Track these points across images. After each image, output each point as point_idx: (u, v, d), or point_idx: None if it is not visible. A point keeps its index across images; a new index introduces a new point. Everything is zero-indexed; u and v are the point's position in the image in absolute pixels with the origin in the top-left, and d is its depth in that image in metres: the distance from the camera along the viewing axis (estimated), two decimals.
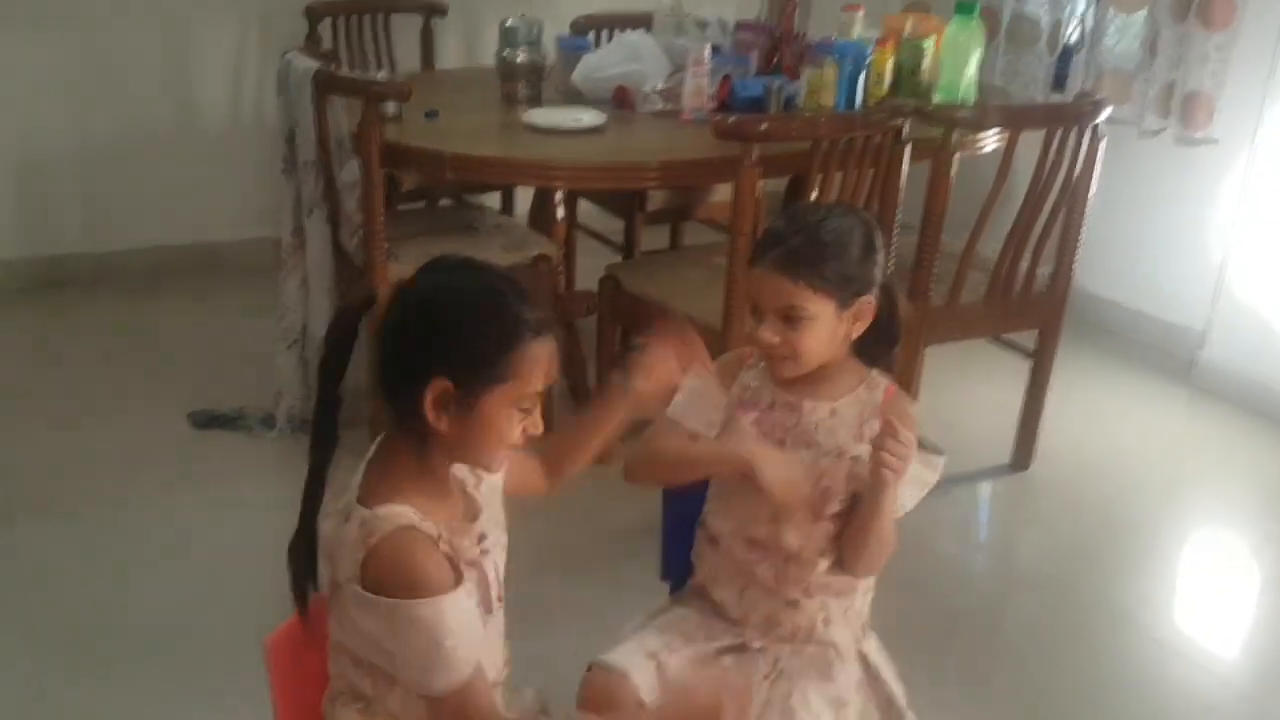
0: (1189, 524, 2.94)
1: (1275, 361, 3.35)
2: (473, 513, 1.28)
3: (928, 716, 1.59)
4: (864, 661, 1.56)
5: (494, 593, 1.28)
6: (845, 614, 1.55)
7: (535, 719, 1.35)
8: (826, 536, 1.50)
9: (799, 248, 1.42)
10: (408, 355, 1.17)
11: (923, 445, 1.49)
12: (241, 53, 3.91)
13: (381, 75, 3.27)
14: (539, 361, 1.18)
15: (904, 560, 2.57)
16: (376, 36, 3.78)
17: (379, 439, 1.26)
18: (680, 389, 1.53)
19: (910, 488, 1.47)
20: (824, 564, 1.51)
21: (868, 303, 1.47)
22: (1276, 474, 3.12)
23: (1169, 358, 3.66)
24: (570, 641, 1.35)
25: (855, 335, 1.49)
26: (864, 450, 1.46)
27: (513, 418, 1.20)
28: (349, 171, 2.64)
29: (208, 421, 2.96)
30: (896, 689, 1.56)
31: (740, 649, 1.54)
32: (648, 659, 1.47)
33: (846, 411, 1.50)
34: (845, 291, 1.44)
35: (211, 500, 2.66)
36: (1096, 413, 3.39)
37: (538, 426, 1.22)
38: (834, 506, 1.49)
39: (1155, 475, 3.08)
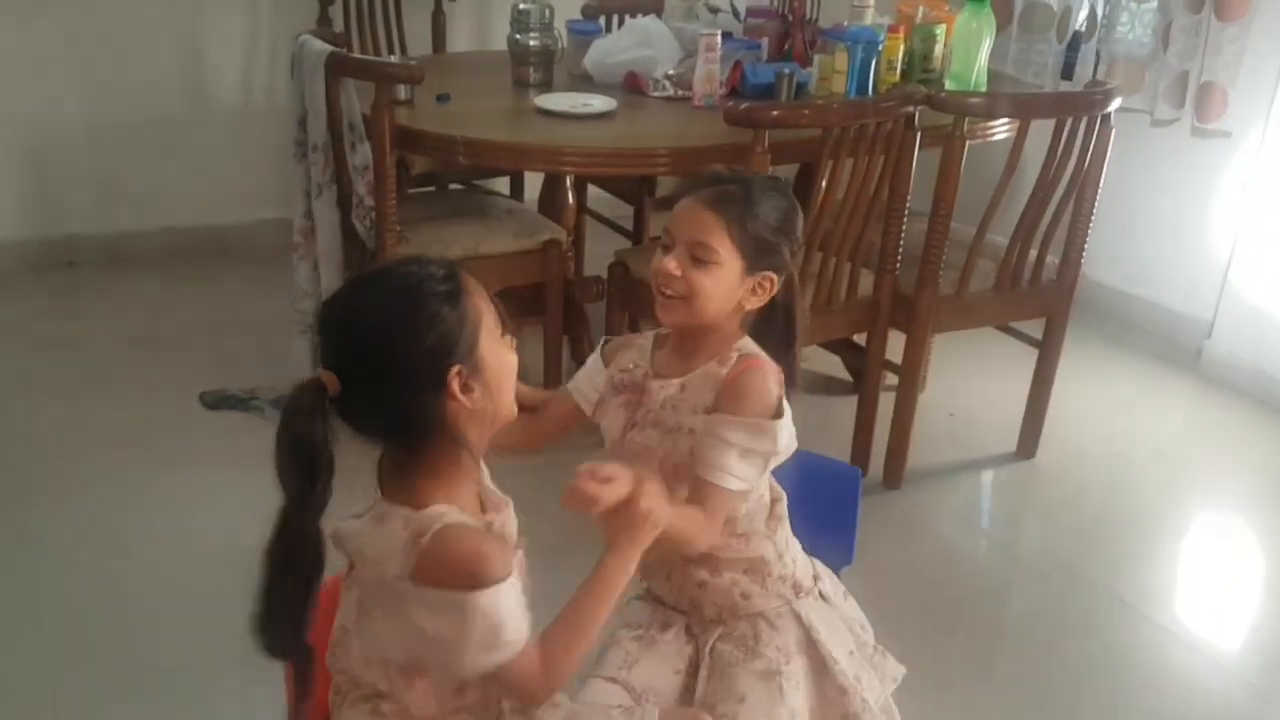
0: (1194, 513, 2.95)
1: None
2: (496, 505, 1.29)
3: (930, 699, 1.61)
4: (798, 621, 1.52)
5: (526, 581, 1.28)
6: (764, 584, 1.51)
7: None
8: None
9: (734, 192, 1.42)
10: (405, 385, 1.16)
11: (776, 414, 1.43)
12: (253, 35, 3.92)
13: (393, 59, 3.28)
14: (477, 288, 1.22)
15: (909, 546, 2.59)
16: (388, 19, 3.79)
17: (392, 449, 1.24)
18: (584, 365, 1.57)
19: (750, 462, 1.40)
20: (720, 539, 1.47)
21: (769, 279, 1.45)
22: None
23: (1175, 348, 3.66)
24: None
25: (747, 307, 1.46)
26: (696, 422, 1.42)
27: (504, 345, 1.24)
28: (360, 155, 2.65)
29: (219, 402, 2.99)
30: (835, 643, 1.52)
31: (690, 631, 1.53)
32: (611, 685, 1.46)
33: (693, 384, 1.46)
34: (757, 255, 1.43)
35: (223, 481, 2.68)
36: (1102, 402, 3.40)
37: (514, 339, 1.26)
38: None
39: (1161, 465, 3.09)
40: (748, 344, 1.48)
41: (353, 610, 1.23)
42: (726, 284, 1.42)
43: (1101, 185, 2.74)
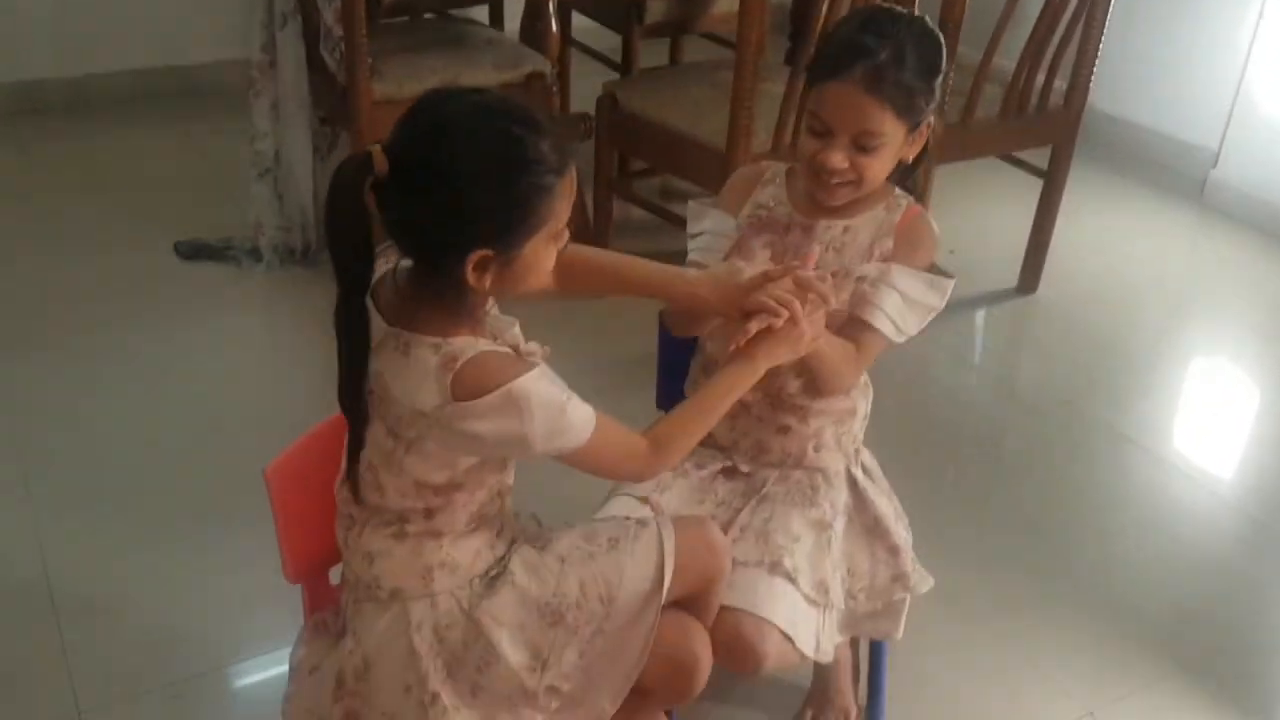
0: (1195, 346, 2.92)
1: None
2: (510, 343, 1.24)
3: (927, 536, 1.59)
4: (852, 485, 1.53)
5: None
6: (839, 439, 1.52)
7: (539, 533, 1.35)
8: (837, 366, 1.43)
9: (892, 63, 1.30)
10: (437, 226, 1.11)
11: (935, 268, 1.44)
12: None
13: None
14: (567, 195, 1.15)
15: (907, 382, 2.56)
16: None
17: (398, 272, 1.19)
18: (698, 229, 1.47)
19: (913, 312, 1.41)
20: (795, 384, 1.46)
21: (929, 124, 1.38)
22: None
23: (1181, 177, 3.56)
24: (560, 479, 1.33)
25: (908, 159, 1.40)
26: (870, 269, 1.40)
27: (550, 250, 1.18)
28: None
29: (194, 252, 2.88)
30: (886, 508, 1.54)
31: (730, 472, 1.52)
32: (640, 504, 1.45)
33: (861, 230, 1.43)
34: (918, 115, 1.35)
35: (202, 331, 2.61)
36: (1106, 234, 3.32)
37: (565, 238, 1.20)
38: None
39: (1163, 297, 3.04)
40: (899, 194, 1.45)
41: (383, 444, 1.19)
42: (893, 154, 1.36)
43: (1111, 6, 2.59)
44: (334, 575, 1.38)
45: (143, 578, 1.91)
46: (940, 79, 1.36)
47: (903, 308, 1.40)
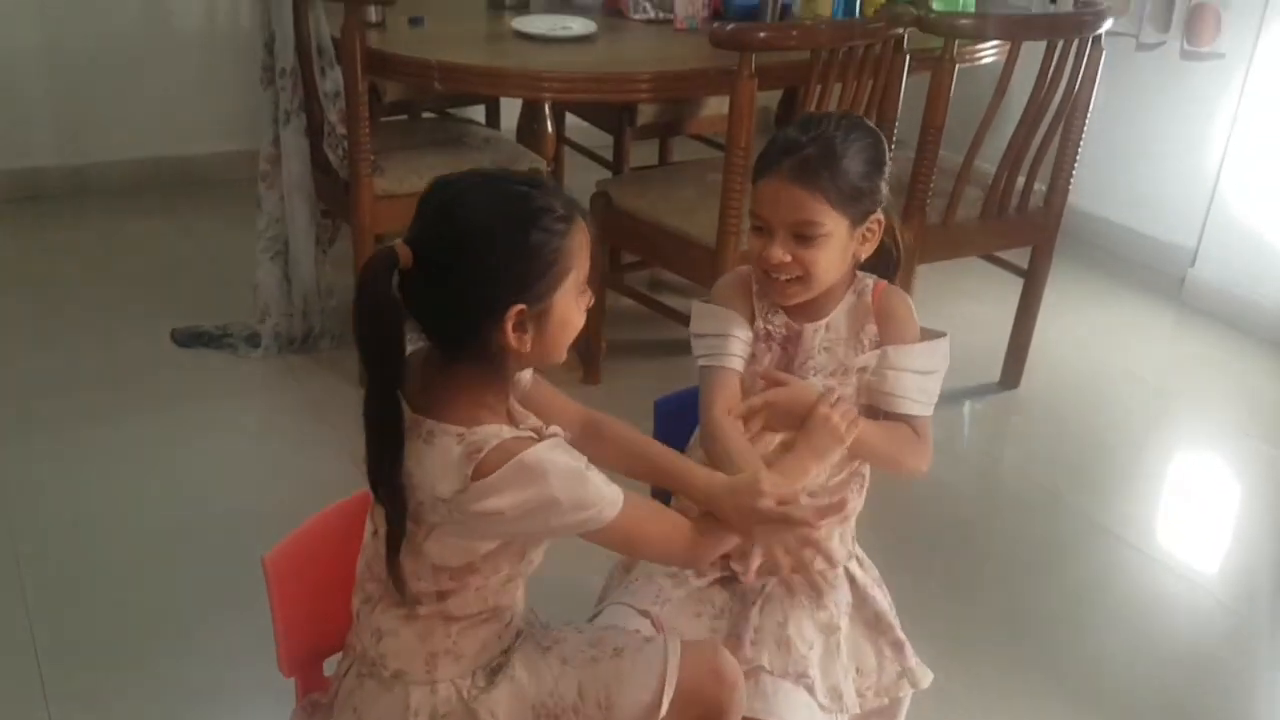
0: (1175, 441, 2.96)
1: (1264, 280, 3.35)
2: (531, 427, 1.26)
3: (914, 627, 1.61)
4: (851, 581, 1.54)
5: None
6: (842, 537, 1.53)
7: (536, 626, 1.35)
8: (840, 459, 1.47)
9: (817, 156, 1.34)
10: (468, 296, 1.13)
11: (924, 332, 1.47)
12: None
13: None
14: (585, 239, 1.18)
15: (892, 474, 2.57)
16: None
17: (423, 358, 1.21)
18: (702, 333, 1.49)
19: (930, 380, 1.45)
20: (837, 479, 1.48)
21: (877, 220, 1.41)
22: (1262, 392, 3.14)
23: (1159, 275, 3.65)
24: (562, 575, 1.35)
25: (863, 257, 1.43)
26: (868, 360, 1.44)
27: (580, 302, 1.21)
28: (331, 81, 2.56)
29: (191, 339, 2.92)
30: (884, 602, 1.55)
31: (727, 580, 1.51)
32: (639, 616, 1.44)
33: (841, 323, 1.46)
34: (858, 207, 1.38)
35: (198, 419, 2.63)
36: (1086, 330, 3.39)
37: (592, 298, 1.23)
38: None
39: (1143, 393, 3.10)
40: (860, 276, 1.48)
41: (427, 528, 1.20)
42: (839, 249, 1.38)
43: (1090, 111, 2.69)
44: (328, 667, 1.39)
45: (135, 667, 1.89)
46: (881, 174, 1.40)
47: (919, 382, 1.43)
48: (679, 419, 1.59)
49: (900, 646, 1.52)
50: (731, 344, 1.46)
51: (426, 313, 1.15)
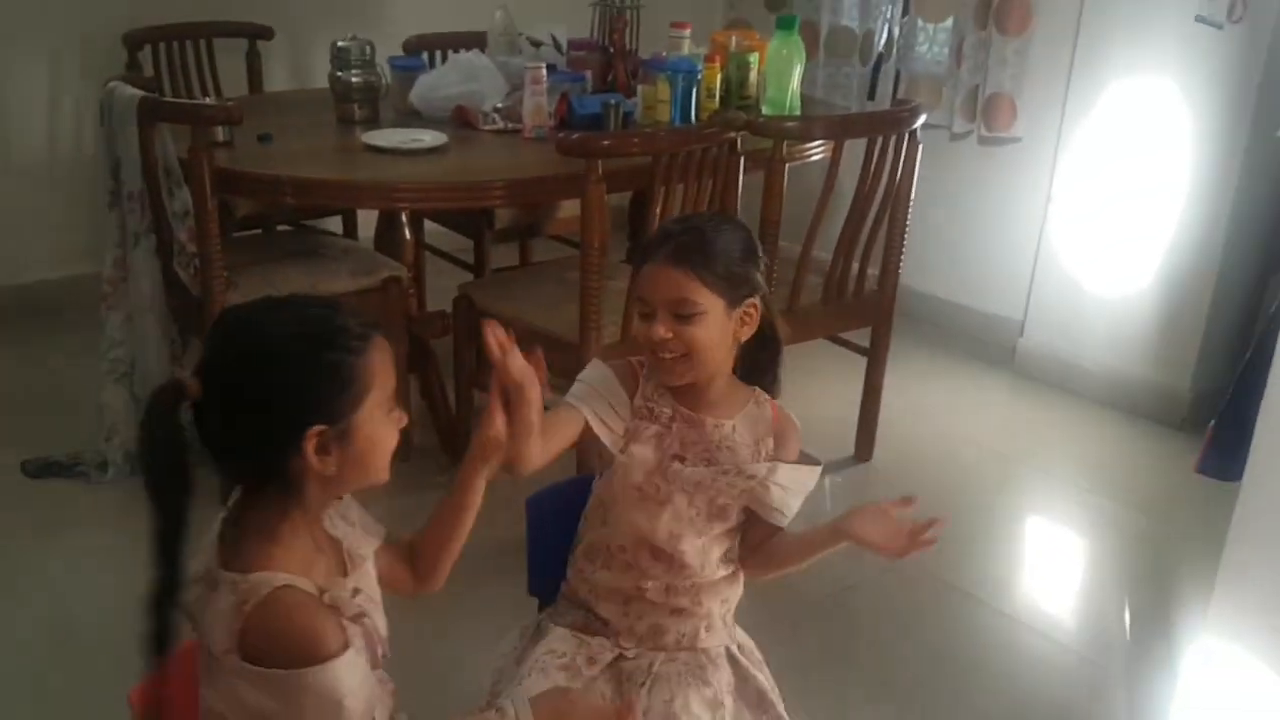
0: (1019, 501, 3.14)
1: (1086, 345, 3.62)
2: (345, 567, 1.25)
3: (795, 701, 1.66)
4: (733, 662, 1.61)
5: (379, 650, 1.25)
6: (724, 618, 1.62)
7: None
8: (721, 549, 1.58)
9: (691, 242, 1.48)
10: (263, 420, 1.11)
11: (803, 454, 1.60)
12: (57, 82, 3.73)
13: (208, 100, 3.19)
14: (385, 357, 1.18)
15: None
16: (200, 62, 3.67)
17: (235, 498, 1.19)
18: (579, 379, 1.56)
19: (797, 496, 1.57)
20: (719, 574, 1.58)
21: (754, 305, 1.51)
22: (1095, 448, 3.37)
23: (993, 347, 3.90)
24: (445, 670, 1.35)
25: (742, 339, 1.53)
26: (760, 470, 1.53)
27: (387, 421, 1.19)
28: (179, 201, 2.56)
29: (41, 470, 2.81)
30: (765, 681, 1.62)
31: (619, 660, 1.56)
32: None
33: (743, 428, 1.56)
34: (734, 290, 1.48)
35: (53, 550, 2.53)
36: (930, 402, 3.59)
37: (404, 417, 1.22)
38: (730, 522, 1.56)
39: (986, 457, 3.28)
40: (758, 392, 1.61)
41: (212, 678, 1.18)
42: (717, 327, 1.48)
43: (912, 199, 2.90)
44: None
45: None
46: (752, 261, 1.51)
47: (795, 501, 1.57)
48: (553, 515, 1.65)
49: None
50: (594, 398, 1.53)
51: (220, 441, 1.13)
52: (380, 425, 1.18)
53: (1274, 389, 1.69)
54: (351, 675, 1.11)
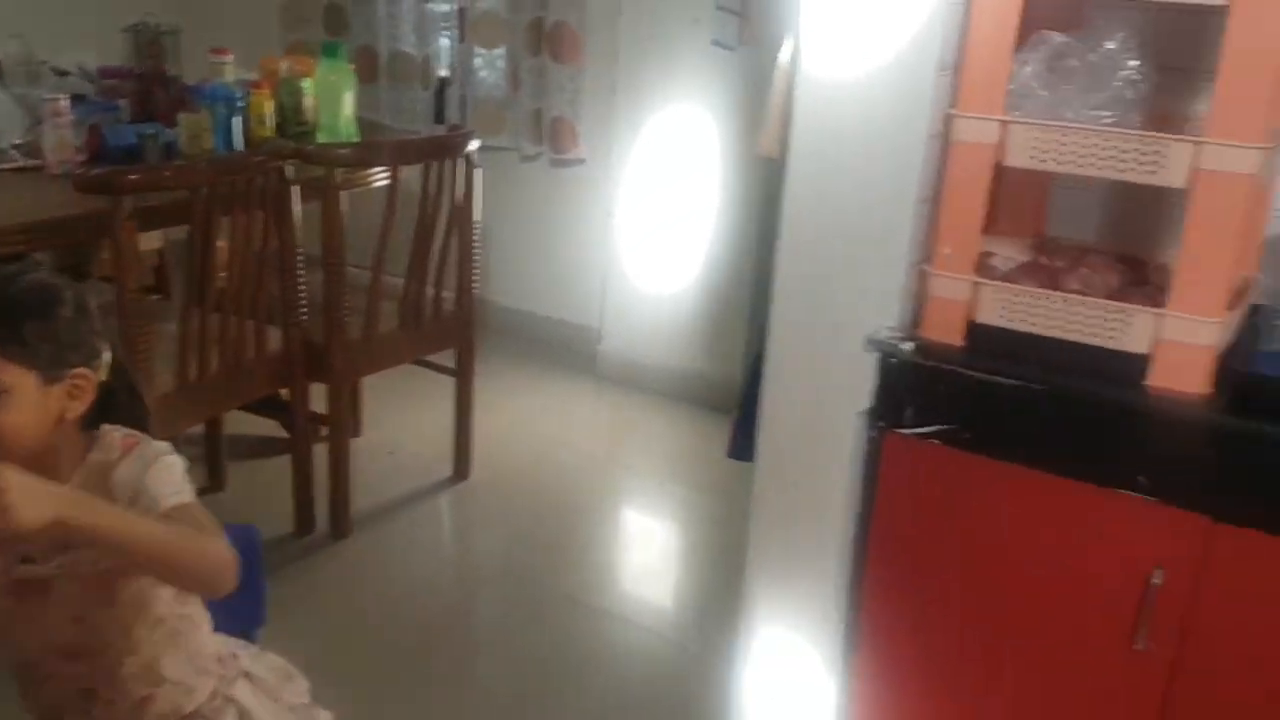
0: (613, 500, 3.31)
1: (654, 347, 3.89)
2: None
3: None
4: (237, 708, 1.44)
5: None
6: (203, 670, 1.41)
7: None
8: (124, 620, 1.33)
9: None
10: None
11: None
12: None
13: None
14: None
15: (365, 588, 2.61)
16: None
17: None
18: None
19: (176, 471, 1.30)
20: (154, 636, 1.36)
21: (85, 377, 1.26)
22: (670, 441, 3.63)
23: (576, 354, 4.08)
24: None
25: (72, 416, 1.27)
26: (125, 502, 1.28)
27: None
28: None
29: None
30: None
31: None
32: None
33: (86, 487, 1.28)
34: (53, 361, 1.23)
35: None
36: (523, 413, 3.69)
37: None
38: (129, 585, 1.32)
39: (579, 460, 3.43)
40: (103, 431, 1.32)
41: None
42: (31, 409, 1.22)
43: (485, 219, 2.97)
44: None
45: None
46: (62, 325, 1.25)
47: (173, 482, 1.28)
48: None
49: None
50: None
51: None
52: None
53: (771, 374, 1.89)
54: None
